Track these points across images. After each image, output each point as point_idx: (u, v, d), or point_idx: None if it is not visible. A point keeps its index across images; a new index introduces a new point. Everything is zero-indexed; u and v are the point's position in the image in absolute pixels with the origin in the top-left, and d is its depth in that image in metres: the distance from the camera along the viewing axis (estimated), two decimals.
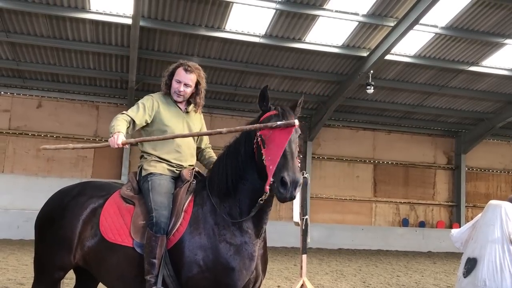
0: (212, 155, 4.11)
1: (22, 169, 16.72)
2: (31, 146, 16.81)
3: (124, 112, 3.75)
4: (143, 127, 3.86)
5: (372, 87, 15.20)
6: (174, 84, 3.85)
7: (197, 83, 3.90)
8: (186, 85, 3.83)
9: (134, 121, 3.70)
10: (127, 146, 3.49)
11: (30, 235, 3.96)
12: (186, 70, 3.83)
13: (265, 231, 3.56)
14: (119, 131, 3.48)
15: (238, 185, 3.41)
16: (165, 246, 3.40)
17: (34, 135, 16.94)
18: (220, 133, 3.44)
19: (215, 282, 3.32)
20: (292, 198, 3.05)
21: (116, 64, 15.64)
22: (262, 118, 3.35)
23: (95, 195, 3.80)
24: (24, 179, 16.29)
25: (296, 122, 3.18)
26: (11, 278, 8.19)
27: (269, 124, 3.19)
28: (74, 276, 4.14)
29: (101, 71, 16.04)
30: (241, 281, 3.36)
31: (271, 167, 3.08)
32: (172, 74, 3.88)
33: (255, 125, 3.30)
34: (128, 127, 3.66)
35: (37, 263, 3.83)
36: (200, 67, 3.94)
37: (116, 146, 3.42)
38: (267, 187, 3.11)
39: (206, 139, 4.16)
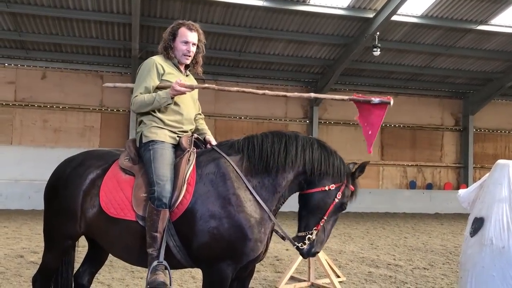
0: (204, 127, 4.01)
1: (30, 141, 16.84)
2: (38, 117, 16.90)
3: (137, 95, 3.65)
4: None
5: (379, 49, 14.96)
6: (181, 46, 3.69)
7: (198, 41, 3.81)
8: (193, 44, 3.73)
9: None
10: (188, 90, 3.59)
11: (41, 205, 4.00)
12: (190, 29, 3.71)
13: None
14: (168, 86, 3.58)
15: (278, 171, 3.47)
16: (167, 219, 3.34)
17: (40, 106, 16.97)
18: (310, 97, 3.81)
19: (229, 249, 3.29)
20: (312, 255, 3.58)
21: (119, 32, 15.47)
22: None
23: (94, 165, 3.73)
24: (33, 150, 16.44)
25: (391, 102, 3.49)
26: (25, 247, 8.38)
27: (366, 99, 3.65)
28: (86, 244, 4.20)
29: (104, 40, 15.89)
30: (255, 252, 3.37)
31: (370, 132, 3.57)
32: (174, 36, 3.72)
33: (351, 97, 3.59)
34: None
35: (46, 232, 3.88)
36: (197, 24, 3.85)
37: (184, 89, 3.53)
38: (370, 149, 3.62)
39: (198, 106, 4.04)
